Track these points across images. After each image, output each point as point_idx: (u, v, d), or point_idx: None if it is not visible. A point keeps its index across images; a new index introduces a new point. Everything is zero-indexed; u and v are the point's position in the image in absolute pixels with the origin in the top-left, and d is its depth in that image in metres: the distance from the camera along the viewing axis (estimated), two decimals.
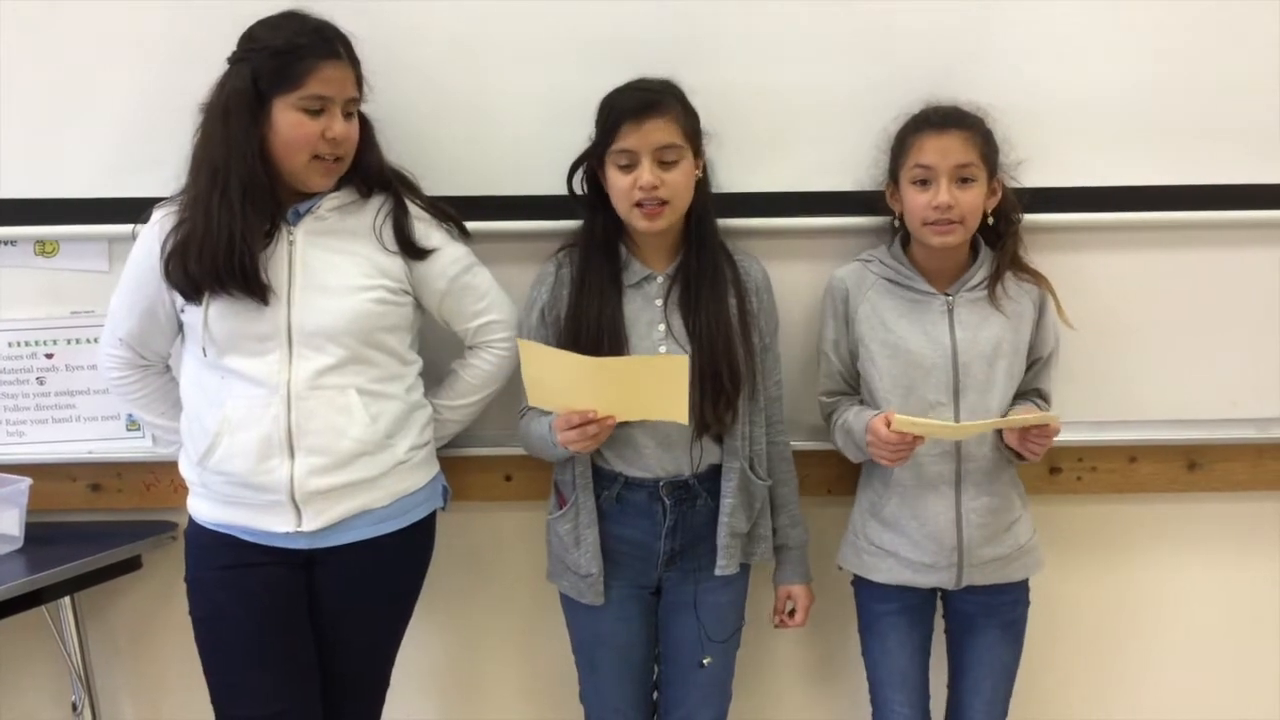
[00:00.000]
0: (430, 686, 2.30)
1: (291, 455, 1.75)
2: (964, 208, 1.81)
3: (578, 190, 1.89)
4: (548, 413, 1.82)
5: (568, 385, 1.73)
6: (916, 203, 1.84)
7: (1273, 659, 2.29)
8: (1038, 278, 1.92)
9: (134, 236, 1.84)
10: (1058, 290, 1.94)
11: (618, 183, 1.79)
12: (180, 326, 1.84)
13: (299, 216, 1.79)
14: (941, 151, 1.81)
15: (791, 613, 2.00)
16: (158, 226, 1.77)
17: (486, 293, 1.92)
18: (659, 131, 1.76)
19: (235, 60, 1.73)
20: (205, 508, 1.82)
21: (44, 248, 2.07)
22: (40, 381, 2.11)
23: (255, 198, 1.70)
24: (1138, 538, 2.24)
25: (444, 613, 2.24)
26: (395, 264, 1.83)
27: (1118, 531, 2.23)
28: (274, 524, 1.78)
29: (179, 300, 1.78)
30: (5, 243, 2.06)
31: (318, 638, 1.86)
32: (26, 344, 2.10)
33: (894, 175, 1.89)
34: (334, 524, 1.79)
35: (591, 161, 1.85)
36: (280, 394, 1.75)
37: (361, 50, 1.81)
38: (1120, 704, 2.33)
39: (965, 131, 1.82)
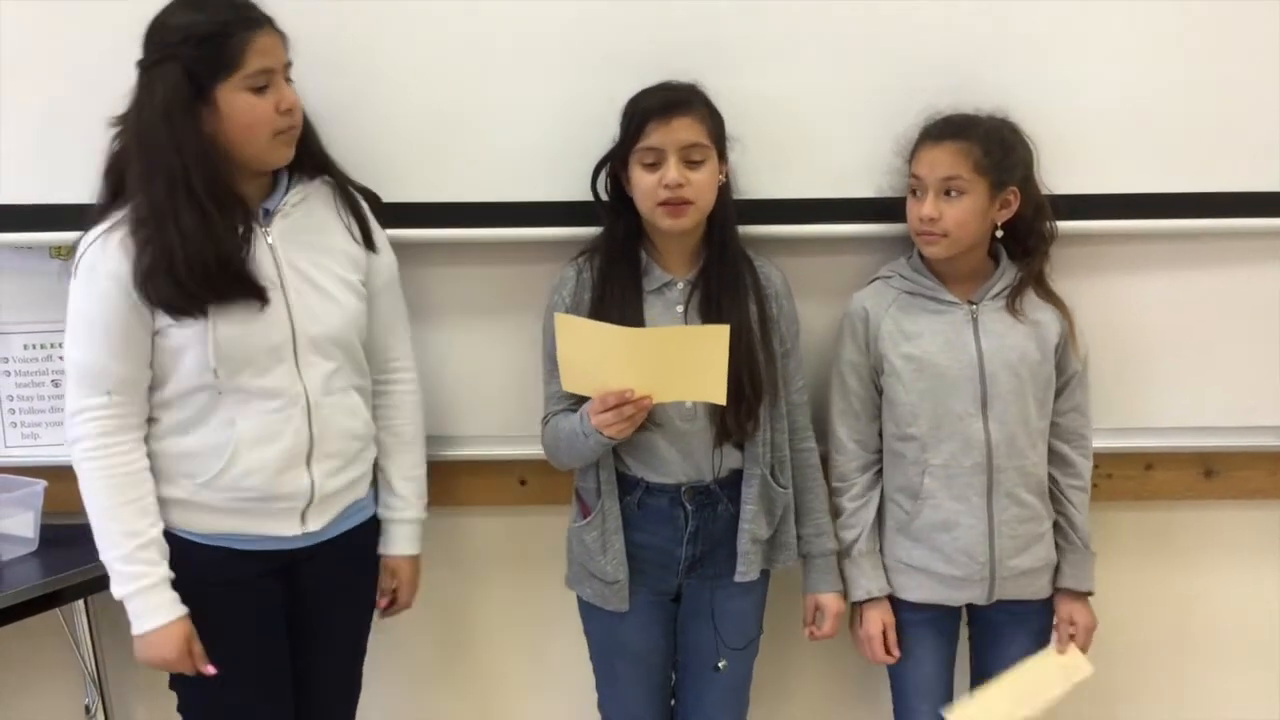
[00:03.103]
0: (442, 693, 2.30)
1: (310, 464, 1.73)
2: (948, 221, 1.81)
3: (601, 194, 1.89)
4: (574, 409, 1.80)
5: (603, 363, 1.70)
6: (911, 213, 1.86)
7: None
8: (1058, 303, 1.91)
9: (68, 274, 1.67)
10: (1073, 295, 1.94)
11: (642, 182, 1.78)
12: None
13: (269, 215, 1.71)
14: (930, 164, 1.82)
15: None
16: (118, 251, 1.62)
17: (403, 312, 1.91)
18: (685, 130, 1.76)
19: (156, 61, 1.60)
20: (200, 520, 1.72)
21: (59, 252, 2.06)
22: (55, 384, 2.11)
23: (222, 198, 1.61)
24: (1154, 544, 2.24)
25: (457, 619, 2.24)
26: (360, 254, 1.80)
27: (1134, 538, 2.22)
28: (281, 528, 1.75)
29: (159, 322, 1.64)
30: (21, 247, 2.05)
31: (299, 641, 1.83)
32: (41, 346, 2.10)
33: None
34: (331, 521, 1.79)
35: (614, 164, 1.85)
36: (300, 405, 1.71)
37: (377, 53, 1.82)
38: (1136, 710, 2.32)
39: (960, 143, 1.80)
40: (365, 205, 1.84)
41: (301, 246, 1.73)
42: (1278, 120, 1.99)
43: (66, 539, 2.08)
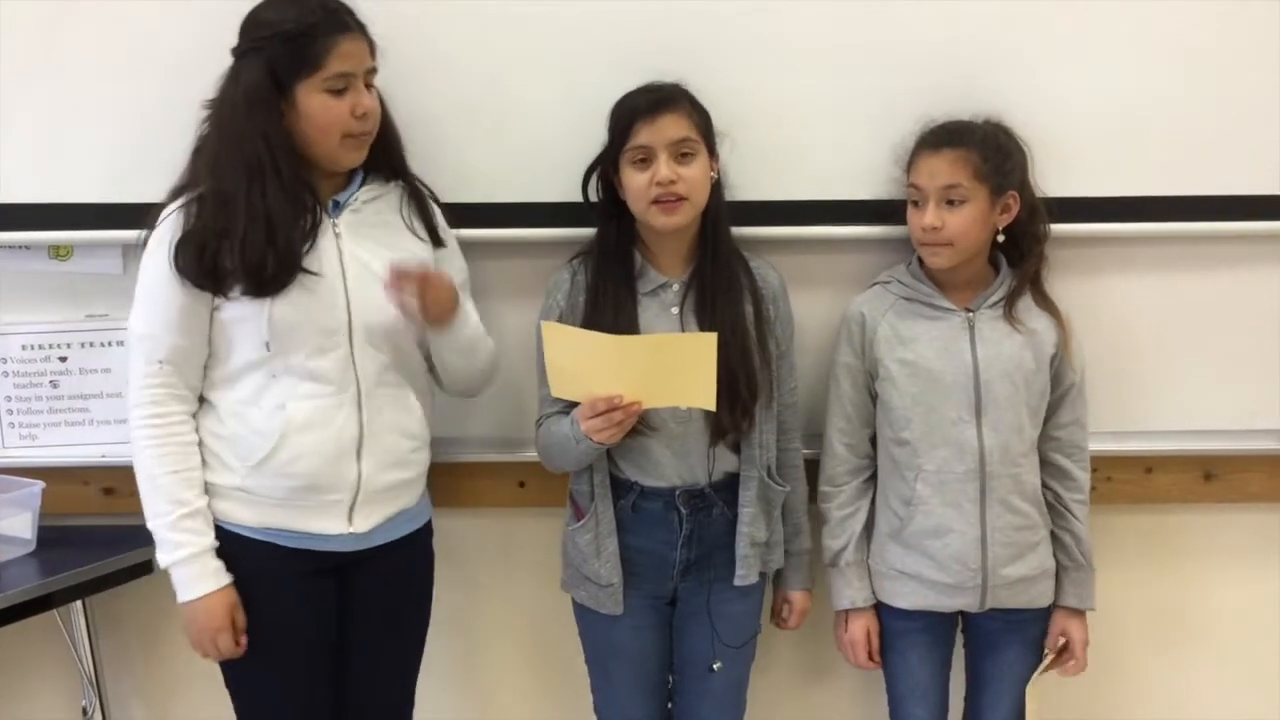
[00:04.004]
0: (439, 697, 2.29)
1: (359, 456, 1.74)
2: (951, 230, 1.80)
3: (592, 197, 1.89)
4: (568, 412, 1.79)
5: (592, 369, 1.70)
6: (913, 223, 1.86)
7: None
8: (1055, 311, 1.90)
9: (142, 244, 1.73)
10: (1072, 298, 1.94)
11: (634, 182, 1.78)
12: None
13: (339, 208, 1.75)
14: (930, 173, 1.82)
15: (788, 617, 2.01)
16: (178, 224, 1.67)
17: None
18: (673, 126, 1.76)
19: (244, 52, 1.67)
20: (247, 513, 1.74)
21: (58, 251, 2.07)
22: (54, 384, 2.11)
23: (298, 188, 1.66)
24: (1154, 548, 2.23)
25: (455, 622, 2.24)
26: (427, 253, 1.82)
27: (1134, 542, 2.22)
28: (327, 526, 1.75)
29: (218, 298, 1.68)
30: (20, 247, 2.05)
31: (350, 650, 1.84)
32: (40, 347, 2.10)
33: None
34: (379, 524, 1.79)
35: (605, 166, 1.84)
36: (350, 392, 1.72)
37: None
38: (1135, 712, 2.32)
39: (959, 150, 1.80)
40: (435, 206, 1.87)
41: (367, 240, 1.76)
42: (1276, 123, 1.99)
43: (64, 540, 2.09)
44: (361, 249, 1.75)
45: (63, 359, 2.10)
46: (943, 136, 1.83)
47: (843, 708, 2.30)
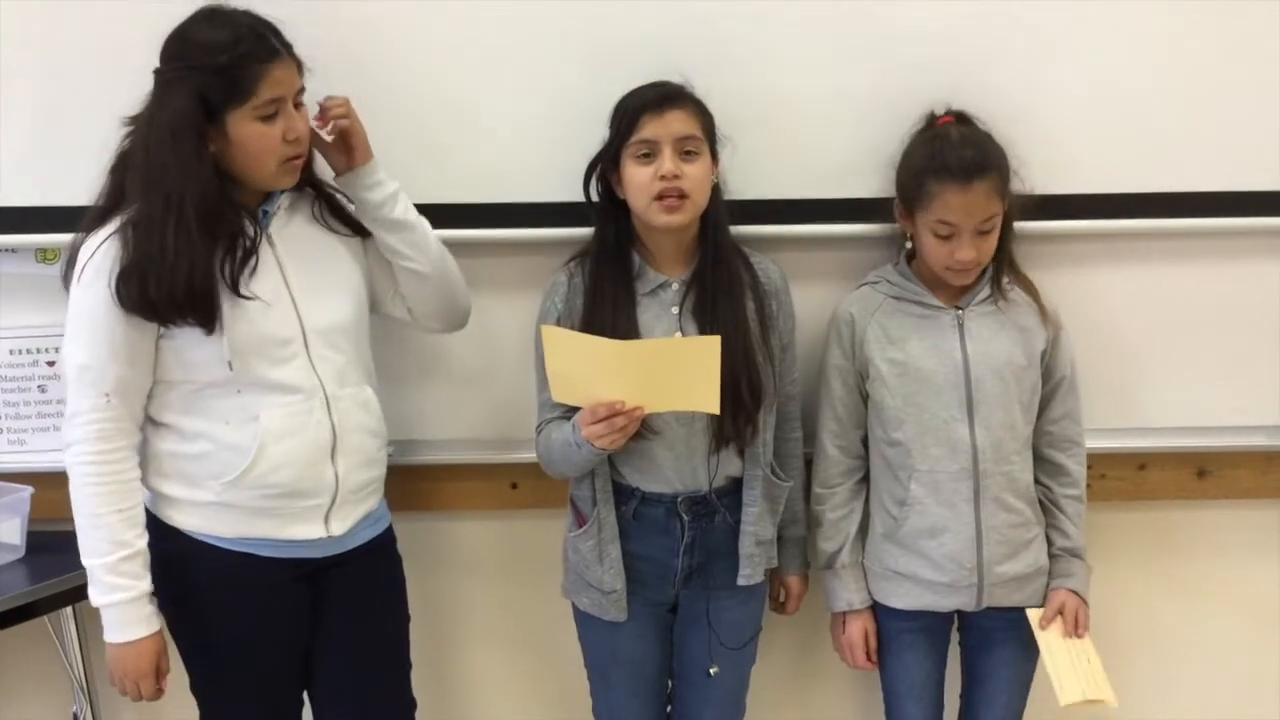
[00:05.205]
0: (433, 700, 2.28)
1: (334, 458, 1.73)
2: (984, 256, 1.80)
3: (593, 196, 1.87)
4: (567, 417, 1.78)
5: (593, 374, 1.68)
6: (938, 252, 1.81)
7: None
8: (1023, 280, 1.89)
9: (68, 266, 1.67)
10: (1065, 295, 1.95)
11: (637, 176, 1.76)
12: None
13: (266, 217, 1.73)
14: (966, 210, 1.76)
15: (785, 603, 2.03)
16: (117, 252, 1.61)
17: None
18: (679, 122, 1.75)
19: (170, 79, 1.61)
20: (224, 524, 1.72)
21: (45, 255, 2.05)
22: (42, 389, 2.10)
23: (211, 224, 1.61)
24: (1147, 545, 2.24)
25: (447, 624, 2.23)
26: (357, 244, 1.82)
27: (1127, 539, 2.22)
28: (305, 531, 1.74)
29: (164, 327, 1.65)
30: (7, 250, 2.04)
31: (328, 654, 1.83)
32: (28, 351, 2.09)
33: (908, 206, 1.84)
34: (351, 528, 1.78)
35: (605, 165, 1.83)
36: (318, 397, 1.72)
37: (368, 53, 1.81)
38: (1130, 710, 2.31)
39: (989, 182, 1.76)
40: (348, 202, 1.84)
41: (300, 246, 1.76)
42: (1267, 120, 1.99)
43: (54, 546, 2.06)
44: (300, 255, 1.75)
45: (51, 363, 2.09)
46: (971, 168, 1.75)
47: (839, 707, 2.30)
